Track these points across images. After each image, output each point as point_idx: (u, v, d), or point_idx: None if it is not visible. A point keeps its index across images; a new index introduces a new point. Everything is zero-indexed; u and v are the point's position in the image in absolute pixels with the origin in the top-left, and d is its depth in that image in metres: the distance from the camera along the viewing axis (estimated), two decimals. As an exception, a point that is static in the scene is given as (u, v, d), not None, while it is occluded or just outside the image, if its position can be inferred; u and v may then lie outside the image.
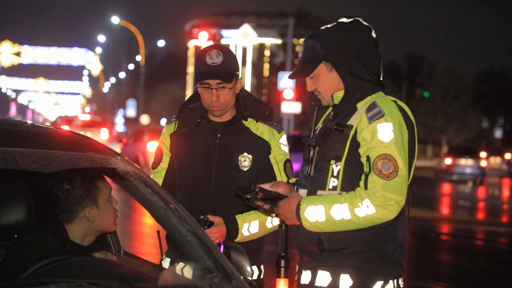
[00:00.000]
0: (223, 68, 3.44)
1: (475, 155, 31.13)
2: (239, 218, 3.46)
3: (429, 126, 59.04)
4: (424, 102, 60.93)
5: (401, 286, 3.14)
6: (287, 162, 3.58)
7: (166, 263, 3.53)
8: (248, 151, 3.52)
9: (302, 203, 3.05)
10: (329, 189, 3.07)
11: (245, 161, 3.51)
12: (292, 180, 3.41)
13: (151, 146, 25.74)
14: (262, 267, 3.59)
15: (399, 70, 68.33)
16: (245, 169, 3.51)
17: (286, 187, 3.21)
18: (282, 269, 3.18)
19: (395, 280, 3.10)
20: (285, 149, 3.60)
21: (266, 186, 3.17)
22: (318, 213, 3.01)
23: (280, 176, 3.55)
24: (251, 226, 3.47)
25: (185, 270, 2.81)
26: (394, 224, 3.06)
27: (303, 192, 3.15)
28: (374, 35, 3.17)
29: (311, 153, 3.14)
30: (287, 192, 3.17)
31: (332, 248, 3.08)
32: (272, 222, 3.50)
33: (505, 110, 67.13)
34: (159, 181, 3.62)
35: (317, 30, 3.23)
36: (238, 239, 3.43)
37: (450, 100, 59.61)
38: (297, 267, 3.25)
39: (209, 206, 3.48)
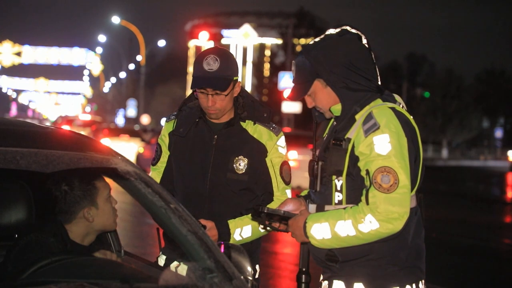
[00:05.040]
0: (219, 74, 3.40)
1: None
2: (231, 222, 3.45)
3: (429, 126, 59.01)
4: (424, 102, 60.91)
5: None
6: (284, 165, 3.56)
7: (161, 260, 3.53)
8: (244, 153, 3.50)
9: (308, 221, 3.02)
10: (335, 203, 3.03)
11: (241, 163, 3.50)
12: (304, 192, 3.37)
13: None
14: (257, 267, 3.59)
15: (399, 70, 68.29)
16: (240, 172, 3.49)
17: (296, 203, 3.18)
18: (303, 284, 3.16)
19: (413, 284, 3.04)
20: (283, 151, 3.57)
21: (276, 206, 3.18)
22: (324, 231, 2.98)
23: (276, 179, 3.53)
24: (243, 231, 3.46)
25: (186, 270, 2.81)
26: (405, 229, 2.99)
27: (312, 207, 3.12)
28: (364, 41, 3.09)
29: (315, 168, 3.10)
30: (297, 208, 3.15)
31: (344, 259, 3.04)
32: None
33: (505, 110, 67.14)
34: (158, 178, 3.62)
35: (306, 45, 3.15)
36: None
37: (450, 100, 59.61)
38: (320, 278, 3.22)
39: (203, 208, 3.47)
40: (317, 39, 3.13)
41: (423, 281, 3.10)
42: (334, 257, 3.05)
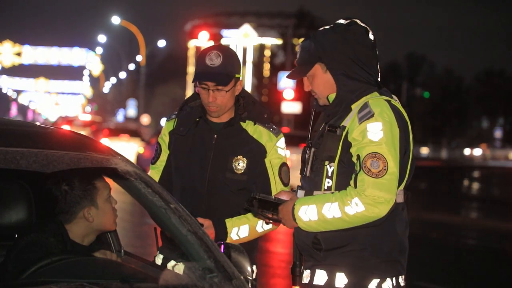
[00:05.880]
0: (221, 70, 3.43)
1: None
2: (228, 222, 3.46)
3: (429, 126, 59.06)
4: (424, 102, 60.95)
5: (402, 284, 3.14)
6: (283, 166, 3.57)
7: (159, 259, 3.54)
8: (243, 153, 3.51)
9: (296, 203, 3.08)
10: (324, 190, 3.09)
11: (240, 163, 3.51)
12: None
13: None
14: (254, 267, 3.59)
15: (399, 70, 68.29)
16: (239, 172, 3.50)
17: (290, 195, 3.22)
18: (298, 277, 3.21)
19: (393, 278, 3.10)
20: (282, 152, 3.58)
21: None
22: (311, 213, 3.03)
23: (274, 180, 3.54)
24: (240, 230, 3.47)
25: (186, 270, 2.81)
26: (390, 223, 3.06)
27: (301, 193, 3.17)
28: (371, 36, 3.18)
29: (307, 154, 3.16)
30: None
31: (328, 247, 3.09)
32: (263, 226, 3.50)
33: (505, 110, 67.17)
34: (157, 176, 3.62)
35: (315, 31, 3.25)
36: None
37: (450, 100, 59.66)
38: (302, 267, 3.26)
39: (201, 207, 3.48)
40: (326, 27, 3.23)
41: (403, 276, 3.16)
42: (319, 245, 3.10)
